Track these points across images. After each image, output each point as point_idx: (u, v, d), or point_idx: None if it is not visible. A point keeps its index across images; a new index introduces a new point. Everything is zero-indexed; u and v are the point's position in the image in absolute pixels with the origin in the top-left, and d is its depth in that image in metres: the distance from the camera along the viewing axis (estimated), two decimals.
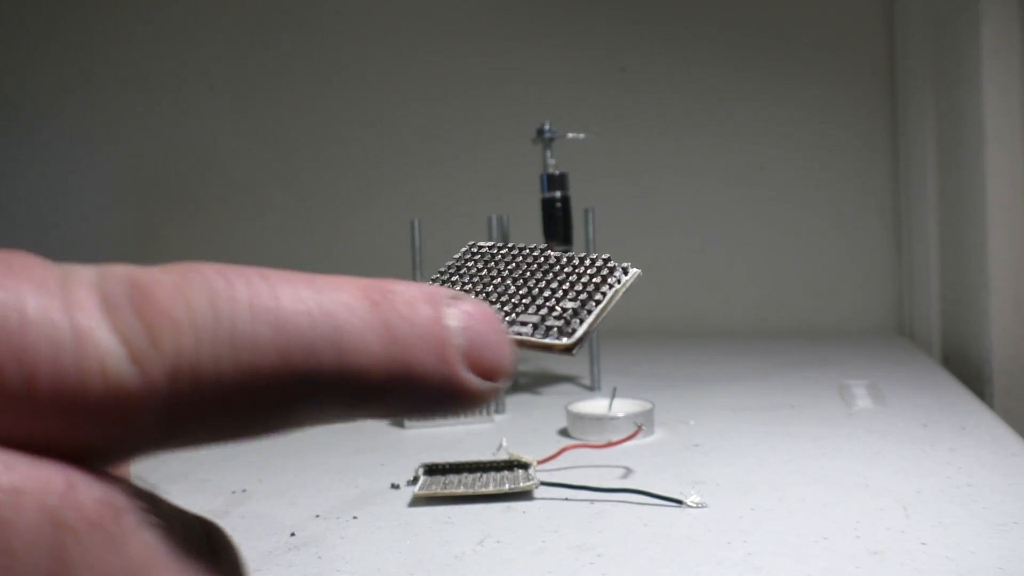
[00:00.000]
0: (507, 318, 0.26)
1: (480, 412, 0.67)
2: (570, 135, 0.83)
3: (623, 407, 0.62)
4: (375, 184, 1.34)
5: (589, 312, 0.26)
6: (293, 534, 0.43)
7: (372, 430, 0.67)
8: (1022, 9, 0.81)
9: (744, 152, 1.22)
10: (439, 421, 0.67)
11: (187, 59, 1.39)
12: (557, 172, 0.81)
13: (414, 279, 0.77)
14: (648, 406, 0.62)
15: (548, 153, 0.82)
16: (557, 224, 0.80)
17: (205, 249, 1.39)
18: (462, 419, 0.67)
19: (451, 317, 0.17)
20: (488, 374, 0.17)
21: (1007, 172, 0.81)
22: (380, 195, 1.33)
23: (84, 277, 0.14)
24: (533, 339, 0.25)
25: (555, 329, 0.25)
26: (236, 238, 1.38)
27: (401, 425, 0.67)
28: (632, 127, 1.24)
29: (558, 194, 0.80)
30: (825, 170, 1.20)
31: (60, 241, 1.42)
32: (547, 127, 0.82)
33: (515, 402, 0.76)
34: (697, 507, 0.44)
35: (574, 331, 0.25)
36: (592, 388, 0.80)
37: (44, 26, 1.42)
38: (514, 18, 1.29)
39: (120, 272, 0.14)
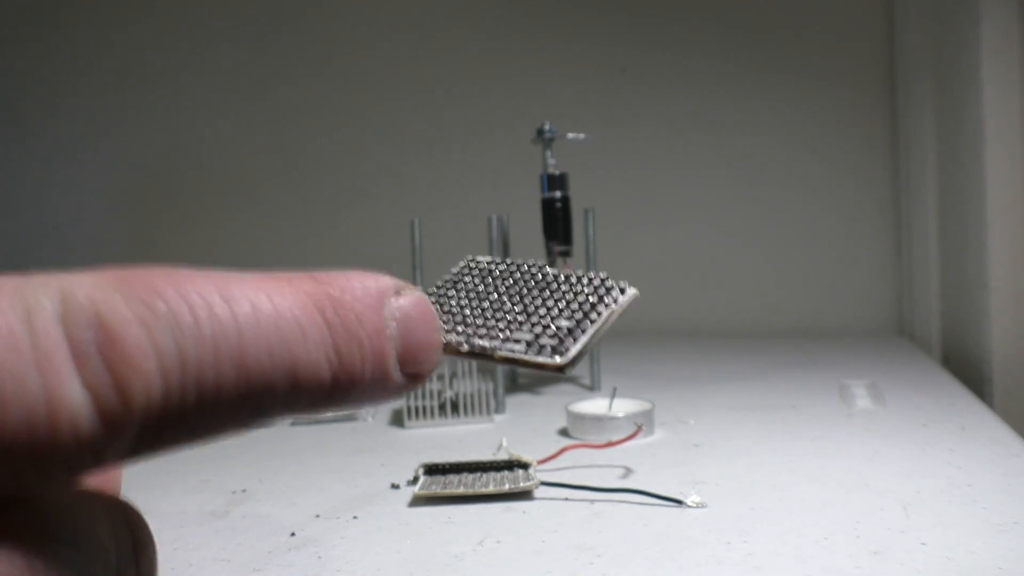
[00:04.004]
0: (501, 335, 0.26)
1: (482, 413, 0.67)
2: (570, 135, 0.83)
3: (623, 407, 0.62)
4: (375, 184, 1.34)
5: (584, 332, 0.25)
6: (293, 534, 0.43)
7: (372, 430, 0.67)
8: (1022, 9, 0.80)
9: (744, 152, 1.22)
10: (439, 421, 0.67)
11: (184, 58, 1.39)
12: (557, 172, 0.81)
13: (414, 279, 0.77)
14: (648, 406, 0.62)
15: (548, 153, 0.82)
16: (557, 224, 0.80)
17: (203, 249, 1.39)
18: (462, 419, 0.67)
19: (392, 321, 0.18)
20: (414, 376, 0.19)
21: (1007, 172, 0.81)
22: (380, 195, 1.33)
23: (47, 312, 0.14)
24: (525, 357, 0.25)
25: (548, 348, 0.25)
26: (234, 238, 1.38)
27: (401, 425, 0.67)
28: (632, 127, 1.24)
29: (558, 194, 0.80)
30: (825, 170, 1.20)
31: (57, 241, 1.42)
32: (547, 127, 0.82)
33: (515, 402, 0.76)
34: (697, 507, 0.44)
35: (567, 350, 0.25)
36: (592, 388, 0.80)
37: (38, 26, 1.42)
38: (514, 17, 1.29)
39: (86, 308, 0.14)
